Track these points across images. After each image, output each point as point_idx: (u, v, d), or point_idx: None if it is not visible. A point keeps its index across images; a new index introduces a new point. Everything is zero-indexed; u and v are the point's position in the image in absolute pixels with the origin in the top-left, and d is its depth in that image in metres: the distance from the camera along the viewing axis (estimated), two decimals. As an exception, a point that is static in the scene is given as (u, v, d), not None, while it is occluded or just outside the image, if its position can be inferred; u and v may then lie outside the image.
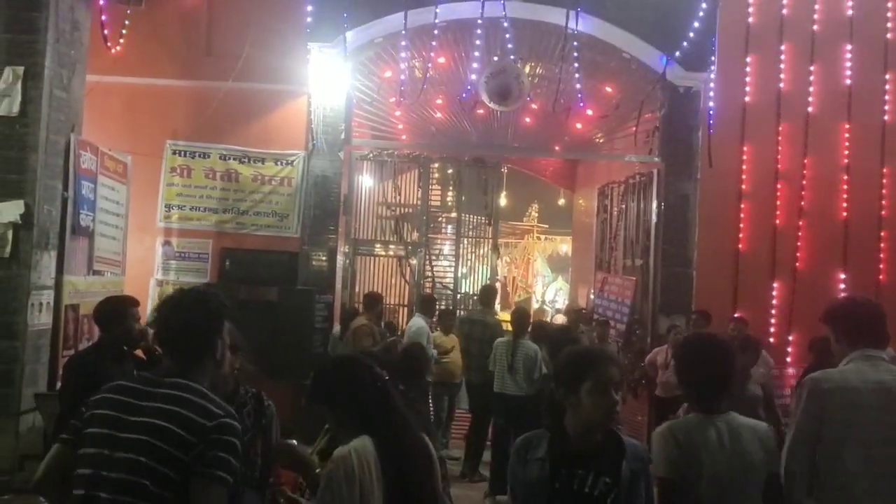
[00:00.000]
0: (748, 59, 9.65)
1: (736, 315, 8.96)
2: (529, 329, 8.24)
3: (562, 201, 17.19)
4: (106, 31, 7.61)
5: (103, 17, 7.57)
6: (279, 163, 9.52)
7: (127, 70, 8.84)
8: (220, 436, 2.35)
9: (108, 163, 8.01)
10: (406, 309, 11.04)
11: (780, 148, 9.66)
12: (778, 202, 9.64)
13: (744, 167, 9.63)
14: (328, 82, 9.37)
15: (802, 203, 9.61)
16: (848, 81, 9.69)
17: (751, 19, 9.66)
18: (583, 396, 2.72)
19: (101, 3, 7.57)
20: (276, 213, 9.52)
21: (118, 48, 7.92)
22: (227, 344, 2.65)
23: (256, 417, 3.43)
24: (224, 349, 2.62)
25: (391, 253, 11.33)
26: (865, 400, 3.13)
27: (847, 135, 9.66)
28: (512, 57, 9.33)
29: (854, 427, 3.11)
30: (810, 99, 9.68)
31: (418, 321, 8.77)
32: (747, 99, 9.67)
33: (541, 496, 2.73)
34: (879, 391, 3.14)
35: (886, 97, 9.71)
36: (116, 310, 4.62)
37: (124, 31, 8.09)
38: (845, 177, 9.63)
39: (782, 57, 9.68)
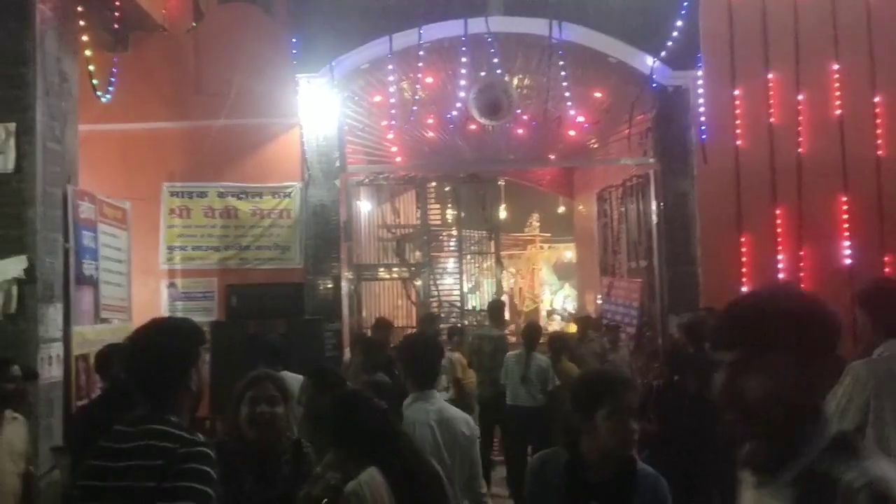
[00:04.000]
0: (734, 52, 9.66)
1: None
2: (546, 341, 8.43)
3: (562, 209, 17.16)
4: (95, 81, 7.64)
5: (90, 67, 7.60)
6: (276, 195, 9.54)
7: (118, 117, 8.88)
8: (190, 453, 2.36)
9: (107, 210, 8.04)
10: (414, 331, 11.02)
11: (773, 139, 9.66)
12: (776, 192, 9.63)
13: (738, 160, 9.62)
14: (319, 112, 9.41)
15: (801, 191, 9.61)
16: (836, 66, 9.71)
17: (733, 12, 9.68)
18: (599, 423, 2.62)
19: (87, 53, 7.61)
20: (277, 245, 9.54)
21: (108, 96, 7.96)
22: (201, 373, 2.65)
23: (295, 465, 3.37)
24: (199, 379, 2.60)
25: (395, 275, 11.34)
26: None
27: (840, 120, 9.68)
28: (499, 71, 9.37)
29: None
30: (799, 87, 9.70)
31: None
32: (737, 92, 9.68)
33: None
34: None
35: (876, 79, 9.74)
36: (118, 357, 4.62)
37: (112, 79, 8.13)
38: (841, 166, 9.62)
39: (769, 47, 9.69)
